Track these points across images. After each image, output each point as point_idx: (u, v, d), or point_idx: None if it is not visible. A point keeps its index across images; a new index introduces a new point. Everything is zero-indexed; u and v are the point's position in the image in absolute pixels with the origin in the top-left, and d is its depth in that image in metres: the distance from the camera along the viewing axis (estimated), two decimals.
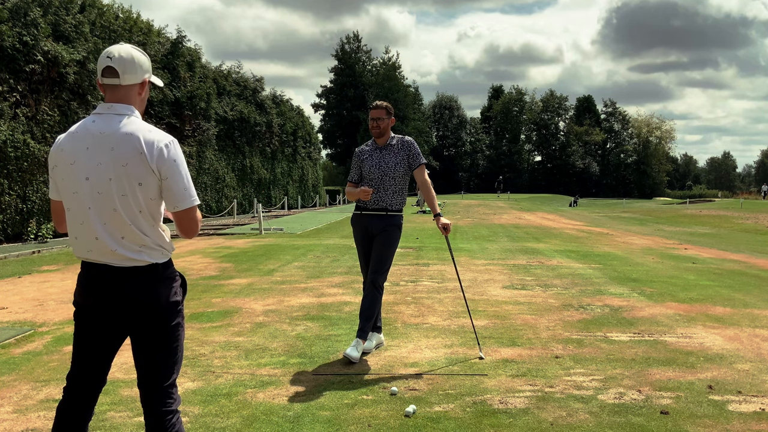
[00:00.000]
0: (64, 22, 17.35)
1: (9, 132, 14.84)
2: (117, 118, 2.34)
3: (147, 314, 2.36)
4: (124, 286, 2.33)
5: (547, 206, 44.41)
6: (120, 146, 2.28)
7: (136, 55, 2.41)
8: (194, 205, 2.38)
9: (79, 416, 2.50)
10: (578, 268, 9.88)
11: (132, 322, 2.39)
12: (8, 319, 6.26)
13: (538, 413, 3.66)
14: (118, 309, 2.36)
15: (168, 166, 2.30)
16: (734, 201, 53.35)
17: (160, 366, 2.43)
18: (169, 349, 2.44)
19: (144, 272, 2.35)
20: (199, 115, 26.36)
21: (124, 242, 2.32)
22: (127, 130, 2.30)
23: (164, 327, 2.40)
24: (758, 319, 6.15)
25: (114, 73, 2.36)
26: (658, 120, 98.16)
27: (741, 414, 3.65)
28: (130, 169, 2.27)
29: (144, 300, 2.35)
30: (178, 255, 11.49)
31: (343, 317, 6.13)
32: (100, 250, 2.33)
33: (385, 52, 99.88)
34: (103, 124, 2.33)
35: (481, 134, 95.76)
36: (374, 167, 4.85)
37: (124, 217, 2.30)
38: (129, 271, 2.34)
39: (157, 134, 2.33)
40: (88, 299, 2.40)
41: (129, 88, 2.39)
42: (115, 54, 2.37)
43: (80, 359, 2.47)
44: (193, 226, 2.42)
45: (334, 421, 3.54)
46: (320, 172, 50.41)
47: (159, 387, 2.43)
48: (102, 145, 2.30)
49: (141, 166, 2.28)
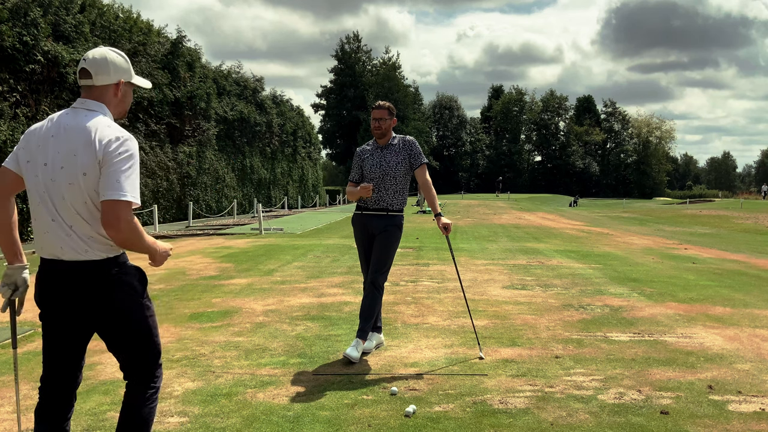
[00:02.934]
0: (64, 22, 17.35)
1: (9, 132, 14.84)
2: (83, 113, 2.41)
3: (106, 314, 2.40)
4: (79, 285, 2.36)
5: (547, 206, 44.41)
6: (76, 137, 2.34)
7: (111, 56, 2.46)
8: (121, 200, 2.27)
9: (57, 418, 2.53)
10: (578, 268, 9.88)
11: (93, 320, 2.42)
12: (8, 319, 6.25)
13: (538, 413, 3.66)
14: (76, 308, 2.39)
15: (110, 157, 2.30)
16: (734, 201, 53.35)
17: (134, 356, 2.51)
18: (140, 340, 2.49)
19: (97, 269, 2.36)
20: (199, 115, 26.36)
21: (74, 230, 2.35)
22: (87, 124, 2.36)
23: (127, 323, 2.43)
24: (758, 319, 6.15)
25: (87, 74, 2.43)
26: (658, 120, 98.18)
27: (741, 414, 3.65)
28: (78, 158, 2.31)
29: (100, 301, 2.37)
30: (178, 255, 11.50)
31: (343, 317, 6.13)
32: (55, 233, 2.36)
33: (386, 52, 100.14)
34: (71, 117, 2.41)
35: (481, 134, 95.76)
36: (375, 167, 4.85)
37: (70, 205, 2.34)
38: (82, 267, 2.35)
39: (114, 130, 2.37)
40: (46, 299, 2.43)
41: (103, 88, 2.45)
42: (89, 56, 2.45)
43: (50, 360, 2.50)
44: (114, 223, 2.26)
45: (334, 421, 3.54)
46: (320, 172, 50.43)
47: (137, 371, 2.54)
48: (64, 136, 2.36)
49: (88, 157, 2.31)
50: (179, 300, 7.06)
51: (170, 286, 7.99)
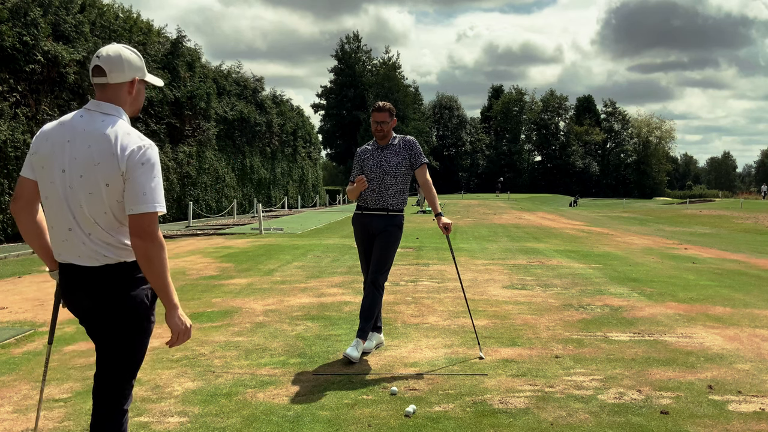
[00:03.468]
0: (64, 22, 17.35)
1: (9, 132, 14.84)
2: (101, 117, 2.35)
3: (116, 312, 2.35)
4: (94, 284, 2.34)
5: (547, 206, 44.42)
6: (96, 145, 2.29)
7: (125, 53, 2.41)
8: (149, 212, 2.24)
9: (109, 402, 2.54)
10: (578, 268, 9.88)
11: (102, 318, 2.38)
12: (8, 319, 6.26)
13: (538, 413, 3.66)
14: (91, 307, 2.37)
15: (133, 167, 2.26)
16: (734, 201, 53.35)
17: (120, 364, 2.43)
18: (132, 349, 2.43)
19: (114, 271, 2.34)
20: (199, 115, 26.36)
21: (92, 238, 2.32)
22: (106, 131, 2.30)
23: (131, 327, 2.38)
24: (758, 319, 6.15)
25: (101, 71, 2.37)
26: (658, 120, 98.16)
27: (741, 414, 3.65)
28: (100, 168, 2.27)
29: (113, 298, 2.34)
30: (178, 255, 11.50)
31: (343, 317, 6.13)
32: (72, 241, 2.34)
33: (385, 52, 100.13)
34: (87, 121, 2.35)
35: (481, 134, 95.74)
36: (375, 167, 4.85)
37: (89, 215, 2.30)
38: (98, 271, 2.33)
39: (135, 138, 2.31)
40: (68, 303, 2.44)
41: (117, 87, 2.39)
42: (103, 53, 2.39)
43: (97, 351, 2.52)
44: (141, 234, 2.23)
45: (334, 421, 3.54)
46: (320, 172, 50.42)
47: (114, 384, 2.45)
48: (81, 142, 2.31)
49: (111, 167, 2.26)
50: (179, 300, 7.05)
51: None
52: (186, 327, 2.41)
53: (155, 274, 2.27)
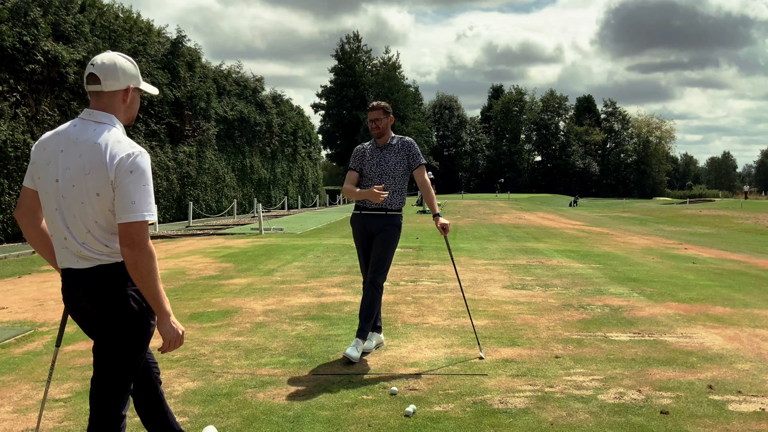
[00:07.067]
0: (64, 22, 17.35)
1: (9, 132, 14.84)
2: (93, 126, 2.35)
3: (113, 310, 2.36)
4: (91, 282, 2.35)
5: (547, 206, 44.41)
6: (87, 154, 2.29)
7: (120, 61, 2.42)
8: (137, 221, 2.25)
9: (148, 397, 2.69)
10: (578, 268, 9.88)
11: (101, 317, 2.38)
12: (8, 319, 6.26)
13: (538, 413, 3.66)
14: (90, 306, 2.38)
15: (122, 175, 2.26)
16: (734, 201, 53.37)
17: (118, 366, 2.42)
18: (130, 350, 2.42)
19: (109, 270, 2.35)
20: (199, 115, 26.36)
21: (86, 246, 2.34)
22: (97, 140, 2.30)
23: (129, 326, 2.38)
24: (758, 319, 6.15)
25: (96, 79, 2.38)
26: (658, 120, 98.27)
27: (741, 414, 3.65)
28: (91, 178, 2.28)
29: (110, 295, 2.35)
30: (178, 255, 11.50)
31: (343, 317, 6.13)
32: (68, 251, 2.36)
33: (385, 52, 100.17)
34: (80, 130, 2.36)
35: (481, 134, 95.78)
36: (374, 167, 4.86)
37: (81, 224, 2.32)
38: (94, 270, 2.35)
39: (125, 146, 2.31)
40: (69, 306, 2.46)
41: (112, 95, 2.40)
42: (97, 61, 2.40)
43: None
44: (130, 243, 2.24)
45: (334, 421, 3.54)
46: (320, 172, 50.41)
47: (112, 387, 2.44)
48: (74, 151, 2.32)
49: (101, 177, 2.27)
50: (179, 300, 7.06)
51: (170, 285, 8.00)
52: (178, 334, 2.42)
53: (145, 283, 2.28)
